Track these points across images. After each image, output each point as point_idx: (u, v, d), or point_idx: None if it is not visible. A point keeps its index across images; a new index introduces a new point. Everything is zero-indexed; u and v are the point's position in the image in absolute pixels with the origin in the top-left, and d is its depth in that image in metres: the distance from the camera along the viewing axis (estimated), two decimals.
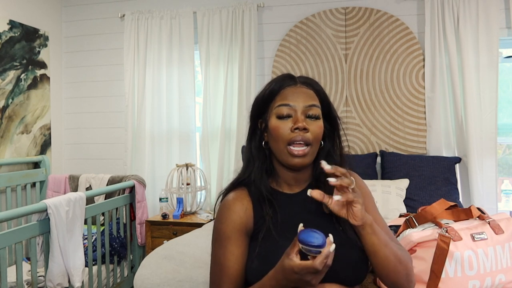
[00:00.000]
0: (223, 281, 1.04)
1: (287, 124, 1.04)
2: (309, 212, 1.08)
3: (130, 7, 3.43)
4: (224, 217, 1.07)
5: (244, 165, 1.13)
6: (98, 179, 3.08)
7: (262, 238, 1.04)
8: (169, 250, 1.86)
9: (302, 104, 1.05)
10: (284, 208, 1.08)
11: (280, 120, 1.05)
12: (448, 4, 2.83)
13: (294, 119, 1.04)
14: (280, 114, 1.05)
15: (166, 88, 3.30)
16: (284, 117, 1.05)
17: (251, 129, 1.14)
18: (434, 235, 1.46)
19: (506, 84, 3.11)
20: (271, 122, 1.07)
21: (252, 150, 1.12)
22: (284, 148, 1.04)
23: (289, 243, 0.96)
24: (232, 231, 1.05)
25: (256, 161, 1.10)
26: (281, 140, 1.04)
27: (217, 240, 1.08)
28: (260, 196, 1.08)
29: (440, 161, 2.76)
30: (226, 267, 1.04)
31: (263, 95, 1.11)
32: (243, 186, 1.12)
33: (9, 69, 2.99)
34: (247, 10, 3.13)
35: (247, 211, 1.07)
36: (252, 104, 1.14)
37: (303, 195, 1.09)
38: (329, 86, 3.06)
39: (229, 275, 1.04)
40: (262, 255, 1.02)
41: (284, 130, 1.04)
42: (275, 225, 1.05)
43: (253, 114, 1.13)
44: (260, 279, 0.99)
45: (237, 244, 1.05)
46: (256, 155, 1.11)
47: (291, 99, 1.06)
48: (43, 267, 2.15)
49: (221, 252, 1.05)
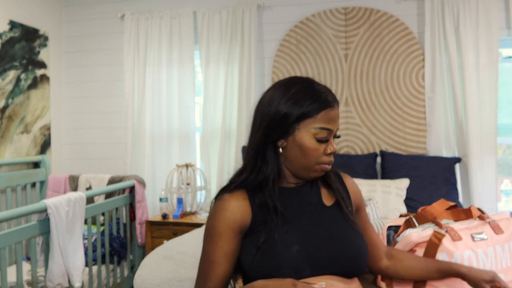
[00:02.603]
0: (210, 277, 1.05)
1: (322, 147, 1.06)
2: (309, 204, 1.10)
3: (130, 7, 3.43)
4: (218, 214, 1.07)
5: (250, 166, 1.09)
6: (98, 179, 3.08)
7: (262, 233, 1.05)
8: (169, 250, 1.86)
9: (336, 127, 1.09)
10: (285, 201, 1.09)
11: (317, 143, 1.06)
12: (448, 4, 2.83)
13: (329, 143, 1.07)
14: (321, 138, 1.05)
15: (166, 88, 3.30)
16: (323, 141, 1.06)
17: (266, 133, 1.07)
18: None
19: (506, 84, 3.11)
20: (306, 140, 1.05)
21: (267, 154, 1.08)
22: (313, 166, 1.07)
23: (289, 236, 1.01)
24: (224, 228, 1.05)
25: (270, 167, 1.08)
26: (313, 160, 1.06)
27: (208, 236, 1.08)
28: (263, 198, 1.07)
29: (440, 161, 2.76)
30: (214, 263, 1.05)
31: (300, 109, 1.04)
32: (241, 188, 1.10)
33: (9, 69, 2.99)
34: (247, 10, 3.13)
35: (243, 208, 1.07)
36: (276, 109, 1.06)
37: (302, 188, 1.12)
38: (329, 86, 3.04)
39: (216, 272, 1.05)
40: (263, 250, 1.03)
41: (319, 153, 1.06)
42: (276, 218, 1.06)
43: (277, 121, 1.05)
44: (261, 273, 1.00)
45: (228, 242, 1.05)
46: (271, 161, 1.08)
47: (332, 125, 1.07)
48: (43, 267, 2.15)
49: (211, 248, 1.06)
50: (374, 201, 2.24)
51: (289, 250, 1.00)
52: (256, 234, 1.05)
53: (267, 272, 1.00)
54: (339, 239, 1.04)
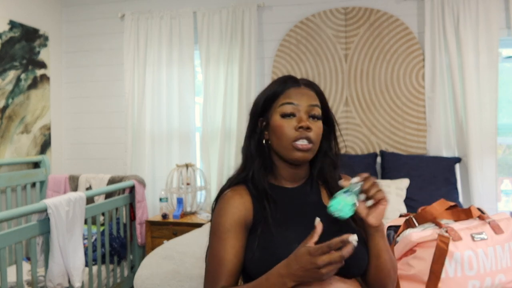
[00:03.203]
0: (222, 274, 1.04)
1: (291, 123, 1.07)
2: (309, 205, 1.12)
3: (130, 7, 3.43)
4: (223, 210, 1.08)
5: (243, 162, 1.16)
6: (98, 179, 3.08)
7: (262, 230, 1.05)
8: (169, 250, 1.86)
9: (306, 103, 1.09)
10: (284, 201, 1.11)
11: (284, 119, 1.08)
12: (448, 4, 2.83)
13: (298, 118, 1.08)
14: (284, 112, 1.08)
15: (166, 88, 3.30)
16: (288, 116, 1.08)
17: (251, 128, 1.16)
18: (434, 235, 1.46)
19: (506, 84, 3.11)
20: (275, 120, 1.10)
21: (252, 148, 1.14)
22: (289, 145, 1.07)
23: (290, 234, 1.01)
24: (231, 224, 1.06)
25: (256, 159, 1.13)
26: (285, 138, 1.07)
27: (216, 233, 1.08)
28: (259, 191, 1.10)
29: (440, 161, 2.76)
30: (225, 260, 1.04)
31: (266, 95, 1.13)
32: (242, 184, 1.14)
33: (9, 69, 2.99)
34: (247, 10, 3.13)
35: (246, 204, 1.09)
36: (253, 103, 1.16)
37: (302, 188, 1.14)
38: (329, 86, 3.06)
39: (228, 268, 1.04)
40: (263, 246, 1.03)
41: (288, 129, 1.07)
42: (275, 217, 1.07)
43: (254, 113, 1.15)
44: (261, 269, 1.00)
45: (237, 238, 1.06)
46: (256, 153, 1.13)
47: (295, 99, 1.09)
48: (43, 267, 2.15)
49: (220, 245, 1.06)
50: None
51: (289, 248, 1.00)
52: (256, 231, 1.06)
53: (268, 269, 1.00)
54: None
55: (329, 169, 1.16)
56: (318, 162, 1.16)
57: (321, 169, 1.16)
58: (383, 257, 1.03)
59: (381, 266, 1.04)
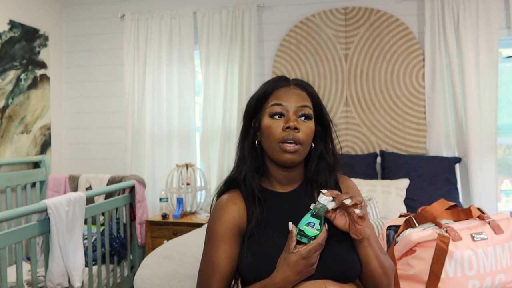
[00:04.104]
0: (215, 279, 1.05)
1: (279, 123, 1.07)
2: (300, 210, 1.09)
3: (130, 7, 3.43)
4: (218, 217, 1.09)
5: (236, 163, 1.16)
6: (98, 179, 3.08)
7: (254, 235, 1.06)
8: (169, 250, 1.86)
9: (294, 104, 1.08)
10: (276, 205, 1.11)
11: (272, 119, 1.08)
12: (448, 4, 2.83)
13: (286, 118, 1.07)
14: (273, 112, 1.08)
15: (166, 88, 3.30)
16: (276, 116, 1.08)
17: (244, 129, 1.16)
18: (434, 235, 1.46)
19: (506, 84, 3.11)
20: (264, 121, 1.10)
21: (245, 149, 1.15)
22: (276, 146, 1.07)
23: (281, 240, 1.00)
24: (225, 230, 1.07)
25: (248, 160, 1.13)
26: (273, 139, 1.07)
27: (210, 239, 1.09)
28: (250, 194, 1.10)
29: (440, 161, 2.76)
30: (218, 265, 1.05)
31: (257, 95, 1.13)
32: (236, 187, 1.14)
33: (9, 69, 2.99)
34: (247, 10, 3.13)
35: (240, 211, 1.10)
36: (246, 104, 1.16)
37: (294, 193, 1.13)
38: (329, 86, 3.06)
39: (221, 274, 1.05)
40: (255, 252, 1.04)
41: (276, 129, 1.07)
42: (267, 222, 1.08)
43: (247, 114, 1.16)
44: (254, 275, 1.01)
45: (230, 244, 1.07)
46: (249, 154, 1.14)
47: (283, 99, 1.09)
48: (43, 267, 2.15)
49: (214, 251, 1.07)
50: (374, 201, 2.24)
51: (279, 254, 0.99)
52: (251, 238, 1.06)
53: (261, 275, 1.00)
54: (332, 243, 1.02)
55: (324, 172, 1.13)
56: (312, 164, 1.14)
57: (316, 171, 1.14)
58: (372, 264, 1.04)
59: (371, 273, 1.05)
